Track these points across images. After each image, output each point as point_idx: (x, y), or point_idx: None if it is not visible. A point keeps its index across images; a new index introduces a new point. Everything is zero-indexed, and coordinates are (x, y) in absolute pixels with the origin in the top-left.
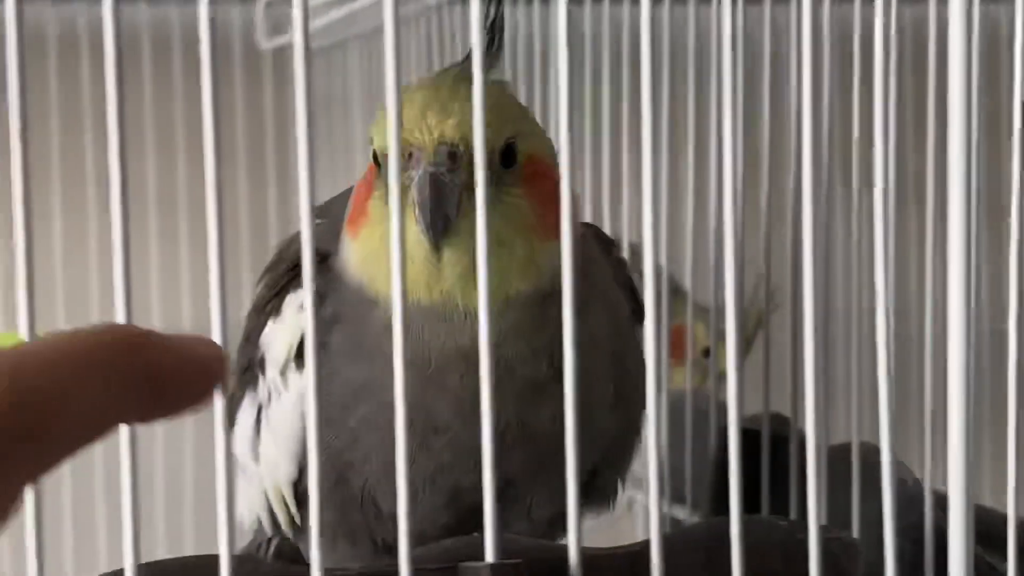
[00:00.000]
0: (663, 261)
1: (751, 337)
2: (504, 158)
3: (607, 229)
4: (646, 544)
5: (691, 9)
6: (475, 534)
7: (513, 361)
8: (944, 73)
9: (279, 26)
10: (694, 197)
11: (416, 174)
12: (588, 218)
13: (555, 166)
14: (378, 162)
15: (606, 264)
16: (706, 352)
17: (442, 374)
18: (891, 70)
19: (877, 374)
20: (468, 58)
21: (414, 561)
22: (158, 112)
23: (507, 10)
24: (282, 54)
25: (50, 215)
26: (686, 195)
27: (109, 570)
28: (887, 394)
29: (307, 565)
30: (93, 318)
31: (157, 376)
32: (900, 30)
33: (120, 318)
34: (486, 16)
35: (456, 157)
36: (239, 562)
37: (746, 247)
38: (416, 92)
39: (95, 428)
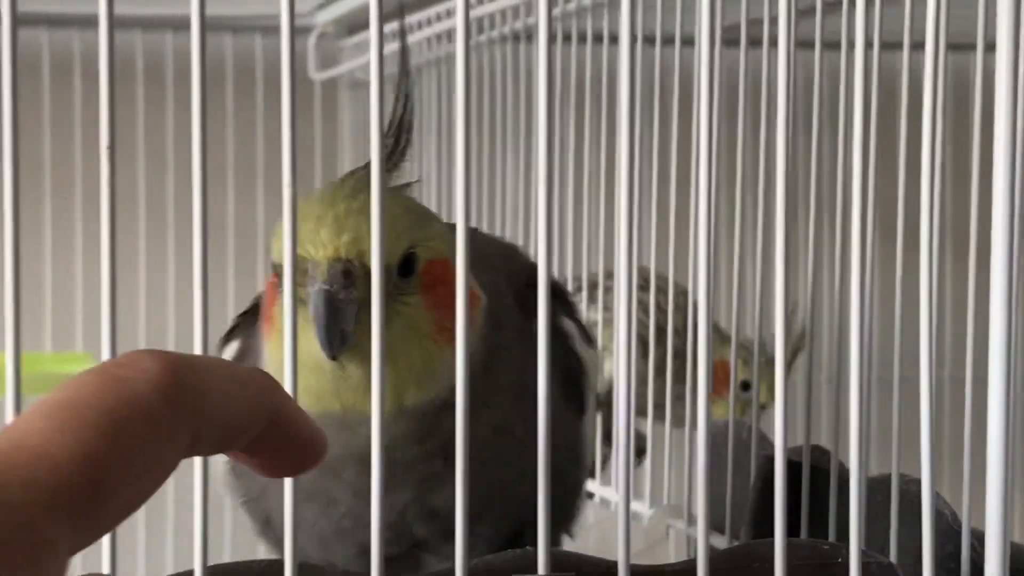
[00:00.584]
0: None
1: (788, 369)
2: (402, 268)
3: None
4: (692, 563)
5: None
6: (528, 547)
7: (408, 461)
8: (989, 120)
9: (329, 58)
10: (740, 231)
11: (311, 291)
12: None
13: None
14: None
15: (526, 332)
16: (744, 385)
17: (338, 469)
18: (938, 118)
19: (911, 404)
20: (367, 165)
21: (475, 571)
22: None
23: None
24: (331, 84)
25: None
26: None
27: (177, 571)
28: (928, 425)
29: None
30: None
31: (279, 422)
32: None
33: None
34: (392, 118)
35: (350, 275)
36: (303, 570)
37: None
38: (314, 204)
39: (233, 432)
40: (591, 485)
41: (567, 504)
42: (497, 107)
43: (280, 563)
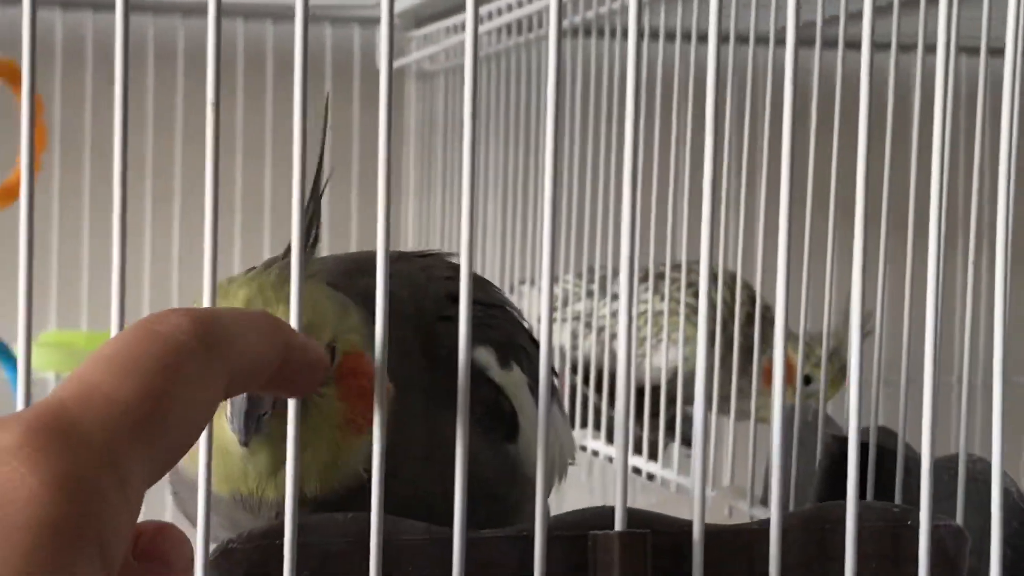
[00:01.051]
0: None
1: (845, 364)
2: None
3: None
4: (766, 522)
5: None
6: (604, 506)
7: None
8: None
9: (396, 49)
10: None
11: None
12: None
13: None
14: None
15: (433, 386)
16: (806, 380)
17: None
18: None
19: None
20: (287, 253)
21: (549, 529)
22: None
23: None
24: (398, 75)
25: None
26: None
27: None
28: (999, 402)
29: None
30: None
31: (290, 355)
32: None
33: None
34: (305, 210)
35: None
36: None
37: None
38: (239, 288)
39: (251, 367)
40: (648, 465)
41: (511, 520)
42: (566, 99)
43: (364, 516)
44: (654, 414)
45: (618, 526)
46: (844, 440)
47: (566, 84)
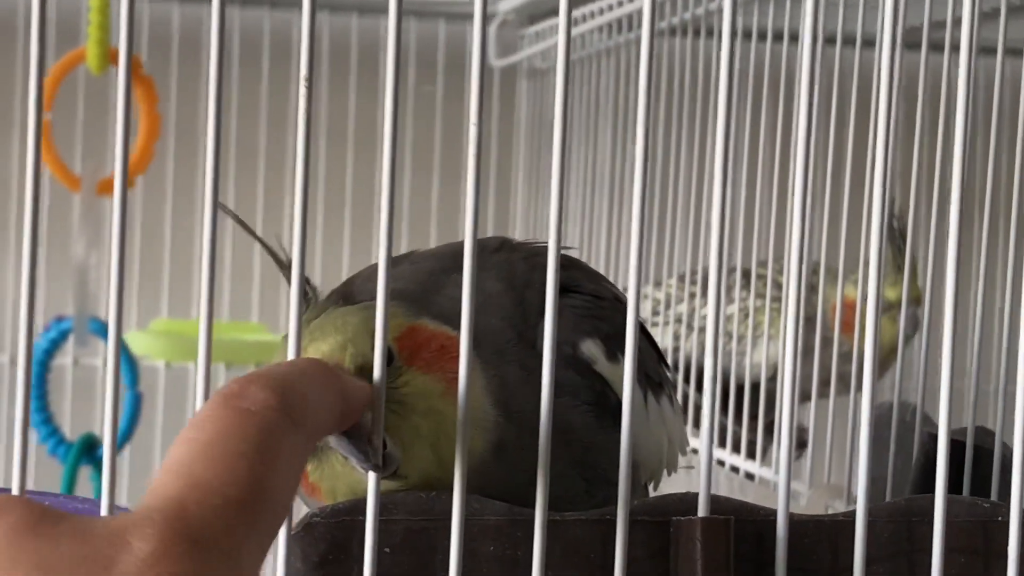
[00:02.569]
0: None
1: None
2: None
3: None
4: (851, 513)
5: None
6: (687, 492)
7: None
8: None
9: (509, 46)
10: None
11: None
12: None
13: (420, 323)
14: None
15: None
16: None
17: None
18: None
19: None
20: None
21: (632, 513)
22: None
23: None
24: (511, 72)
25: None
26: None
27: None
28: None
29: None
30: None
31: (345, 391)
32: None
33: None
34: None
35: None
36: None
37: None
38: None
39: (326, 422)
40: (748, 464)
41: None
42: (674, 99)
43: (447, 495)
44: (753, 415)
45: (701, 512)
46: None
47: (671, 83)
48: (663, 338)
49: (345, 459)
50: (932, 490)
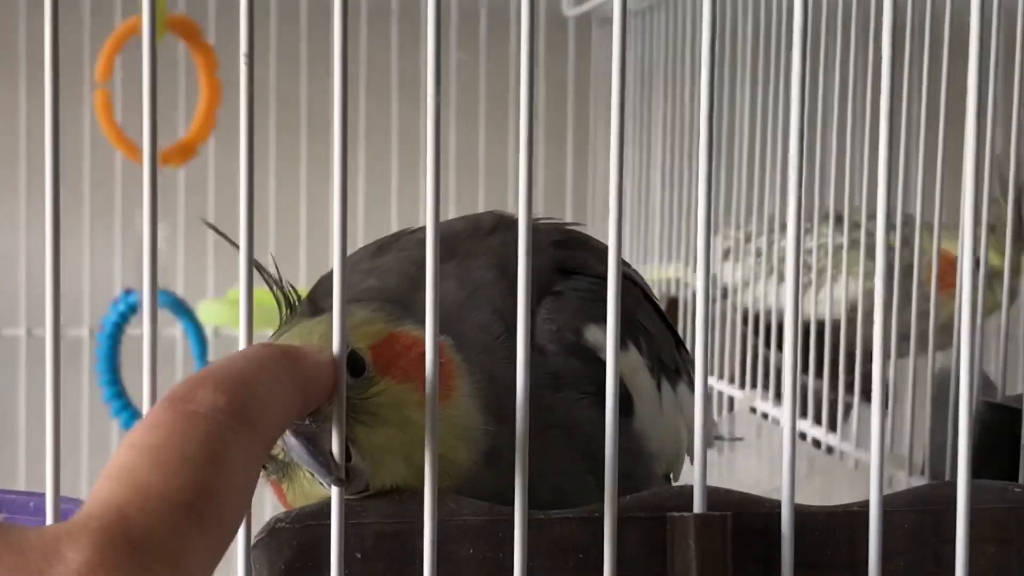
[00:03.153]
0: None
1: None
2: (351, 369)
3: None
4: (865, 504)
5: None
6: (686, 485)
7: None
8: None
9: None
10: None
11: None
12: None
13: (411, 327)
14: None
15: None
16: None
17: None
18: None
19: None
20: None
21: (624, 509)
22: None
23: None
24: (584, 19)
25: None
26: None
27: None
28: None
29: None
30: None
31: (306, 378)
32: None
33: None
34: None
35: None
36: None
37: None
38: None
39: (281, 420)
40: (815, 431)
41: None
42: (737, 48)
43: (419, 495)
44: (834, 369)
45: (696, 508)
46: (998, 408)
47: (735, 23)
48: (733, 276)
49: (312, 475)
50: (991, 466)
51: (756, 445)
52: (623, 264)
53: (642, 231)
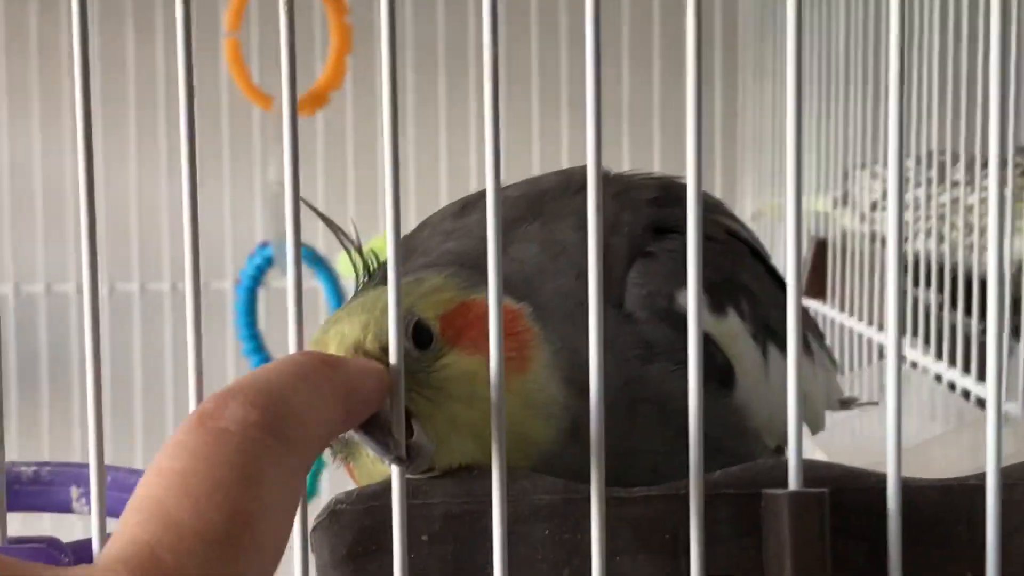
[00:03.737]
0: None
1: None
2: (417, 340)
3: None
4: (983, 476)
5: None
6: (782, 458)
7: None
8: None
9: None
10: None
11: None
12: None
13: (476, 296)
14: None
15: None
16: None
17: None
18: None
19: None
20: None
21: (713, 486)
22: None
23: None
24: None
25: None
26: None
27: None
28: None
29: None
30: None
31: (348, 389)
32: None
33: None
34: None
35: None
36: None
37: None
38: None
39: (321, 435)
40: (965, 381)
41: None
42: None
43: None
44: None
45: (791, 485)
46: None
47: None
48: (883, 228)
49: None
50: None
51: (904, 395)
52: (731, 218)
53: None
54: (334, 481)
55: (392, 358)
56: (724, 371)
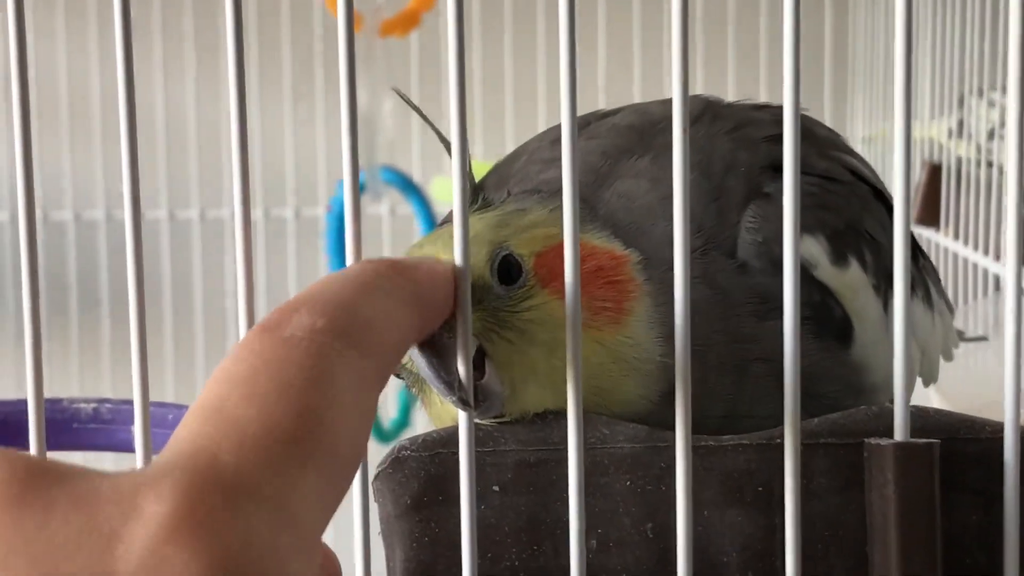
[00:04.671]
0: None
1: None
2: (503, 275)
3: None
4: None
5: None
6: (886, 405)
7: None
8: None
9: None
10: None
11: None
12: None
13: (592, 234)
14: None
15: (730, 282)
16: None
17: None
18: None
19: None
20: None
21: (811, 434)
22: None
23: None
24: None
25: None
26: None
27: None
28: None
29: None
30: None
31: (419, 292)
32: None
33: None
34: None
35: None
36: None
37: None
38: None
39: (396, 341)
40: None
41: None
42: None
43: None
44: None
45: (897, 435)
46: None
47: None
48: (999, 157)
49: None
50: None
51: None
52: (850, 154)
53: (916, 84)
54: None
55: (461, 292)
56: (842, 326)
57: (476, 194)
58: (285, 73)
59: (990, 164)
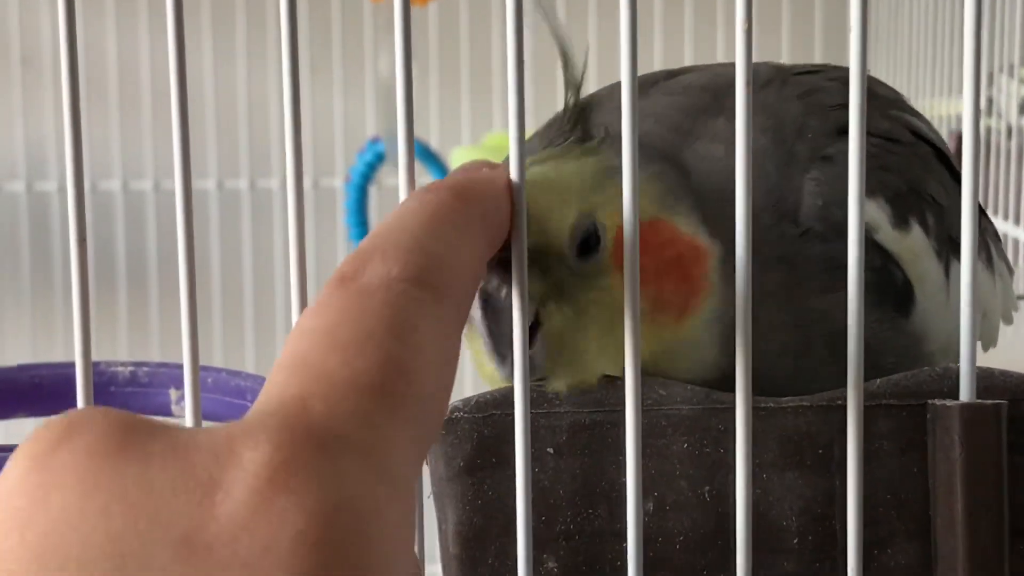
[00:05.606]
0: None
1: None
2: (581, 246)
3: None
4: None
5: None
6: (951, 365)
7: None
8: None
9: None
10: None
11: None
12: None
13: (682, 218)
14: None
15: (795, 259)
16: None
17: None
18: None
19: None
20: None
21: (873, 396)
22: None
23: None
24: None
25: None
26: None
27: None
28: None
29: None
30: None
31: (485, 216)
32: None
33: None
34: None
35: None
36: None
37: None
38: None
39: (472, 275)
40: None
41: None
42: None
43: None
44: None
45: (963, 396)
46: None
47: None
48: None
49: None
50: None
51: None
52: (914, 114)
53: (945, 57)
54: None
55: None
56: (903, 292)
57: (579, 117)
58: (302, 43)
59: (1021, 132)
